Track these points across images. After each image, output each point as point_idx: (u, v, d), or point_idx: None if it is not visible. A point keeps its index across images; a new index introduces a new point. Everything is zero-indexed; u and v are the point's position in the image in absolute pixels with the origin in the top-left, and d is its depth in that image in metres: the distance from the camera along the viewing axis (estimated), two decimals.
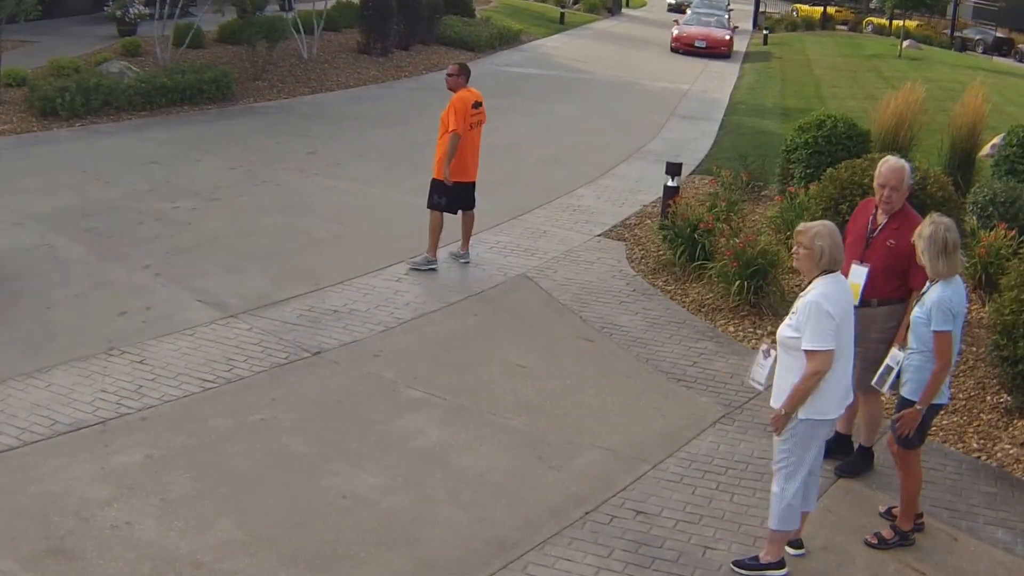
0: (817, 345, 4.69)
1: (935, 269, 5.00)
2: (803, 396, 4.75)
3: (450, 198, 8.85)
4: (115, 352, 6.95)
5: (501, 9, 32.63)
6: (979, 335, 7.87)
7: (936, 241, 4.96)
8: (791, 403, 4.77)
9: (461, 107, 8.67)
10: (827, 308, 4.70)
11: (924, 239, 5.00)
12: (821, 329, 4.69)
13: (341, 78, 18.57)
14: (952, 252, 5.00)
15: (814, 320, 4.70)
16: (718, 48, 28.14)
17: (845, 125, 10.92)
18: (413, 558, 4.98)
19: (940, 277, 5.02)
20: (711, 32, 28.84)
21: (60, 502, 5.19)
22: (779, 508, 4.91)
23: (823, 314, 4.69)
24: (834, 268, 4.81)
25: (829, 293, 4.75)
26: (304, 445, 5.97)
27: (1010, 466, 6.19)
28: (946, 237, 4.96)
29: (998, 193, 9.43)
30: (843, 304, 4.81)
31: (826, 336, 4.69)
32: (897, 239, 5.62)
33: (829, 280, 4.80)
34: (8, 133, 12.83)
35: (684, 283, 9.07)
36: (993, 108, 12.83)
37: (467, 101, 8.73)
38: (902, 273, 5.63)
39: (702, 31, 28.89)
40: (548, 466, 5.91)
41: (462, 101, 8.71)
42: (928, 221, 5.06)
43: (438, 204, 8.85)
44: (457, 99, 8.73)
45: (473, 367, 7.17)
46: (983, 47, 42.39)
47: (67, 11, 21.59)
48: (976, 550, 5.34)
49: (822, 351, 4.69)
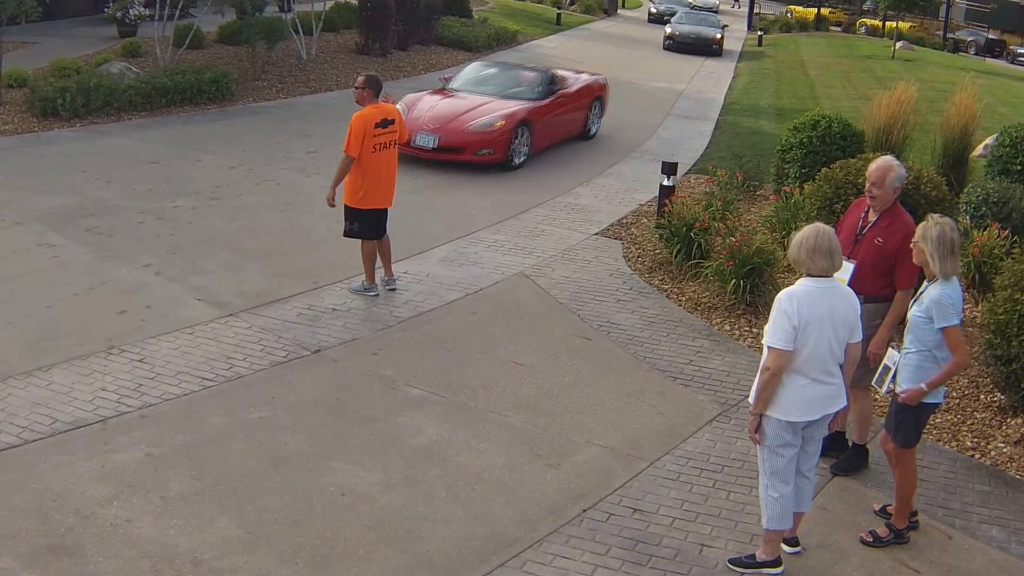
0: (769, 341, 4.68)
1: (943, 269, 4.99)
2: (761, 393, 4.73)
3: (363, 224, 8.11)
4: (115, 350, 6.98)
5: (498, 10, 32.68)
6: (973, 334, 7.92)
7: (945, 242, 4.97)
8: (756, 401, 4.79)
9: (359, 127, 7.80)
10: (785, 307, 4.65)
11: (932, 240, 4.98)
12: (776, 327, 4.66)
13: (340, 78, 18.59)
14: (958, 251, 5.05)
15: (773, 316, 4.70)
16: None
17: (839, 125, 10.98)
18: (411, 555, 5.01)
19: (946, 276, 5.03)
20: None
21: (60, 500, 5.22)
22: (766, 508, 4.95)
23: (781, 312, 4.66)
24: (817, 274, 4.72)
25: (796, 293, 4.69)
26: (303, 443, 6.00)
27: (1004, 464, 6.23)
28: (953, 237, 4.99)
29: (991, 193, 9.49)
30: (813, 309, 4.67)
31: (779, 334, 4.64)
32: (885, 237, 5.67)
33: (807, 282, 4.73)
34: (9, 133, 12.85)
35: (680, 282, 9.12)
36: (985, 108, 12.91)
37: (369, 119, 7.85)
38: (888, 272, 5.68)
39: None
40: (546, 464, 5.95)
41: (361, 120, 7.83)
42: (933, 223, 5.03)
43: (351, 231, 8.16)
44: (356, 118, 7.85)
45: (471, 365, 7.21)
46: (975, 48, 42.55)
47: (68, 12, 21.59)
48: (970, 548, 5.38)
49: (774, 348, 4.66)
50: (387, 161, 8.11)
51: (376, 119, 7.93)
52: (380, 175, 8.08)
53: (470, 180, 12.12)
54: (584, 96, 14.89)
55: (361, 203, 8.07)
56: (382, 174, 8.09)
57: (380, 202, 8.16)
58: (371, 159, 7.96)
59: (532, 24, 31.22)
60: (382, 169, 8.08)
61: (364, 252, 8.26)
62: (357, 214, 8.11)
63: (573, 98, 14.54)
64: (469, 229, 10.29)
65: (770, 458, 4.88)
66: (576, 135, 14.77)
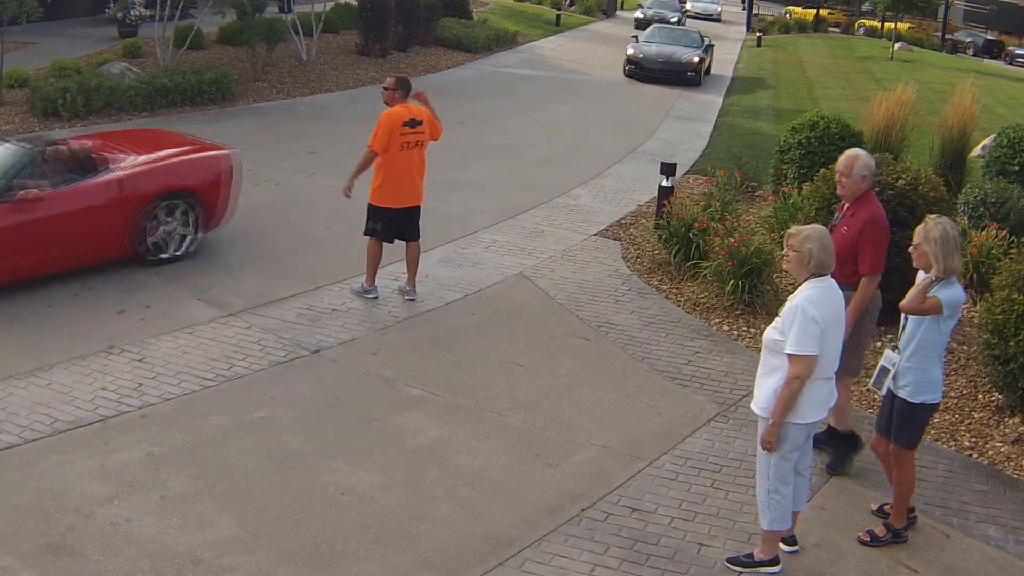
0: (799, 350, 4.69)
1: (949, 266, 5.00)
2: (788, 402, 4.74)
3: (385, 224, 8.13)
4: (115, 350, 7.00)
5: (497, 11, 32.71)
6: (971, 334, 7.95)
7: (948, 240, 5.00)
8: (778, 411, 4.77)
9: (387, 124, 7.90)
10: (812, 313, 4.69)
11: (935, 240, 5.00)
12: (805, 334, 4.68)
13: (340, 79, 18.62)
14: (959, 249, 5.08)
15: (799, 324, 4.69)
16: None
17: (838, 126, 11.01)
18: (411, 555, 5.03)
19: (954, 273, 5.05)
20: None
21: (61, 499, 5.23)
22: (769, 509, 4.97)
23: (808, 319, 4.68)
24: (823, 272, 4.81)
25: (815, 297, 4.75)
26: (303, 443, 6.01)
27: (1001, 464, 6.25)
28: (954, 234, 5.04)
29: (989, 193, 9.52)
30: (830, 309, 4.79)
31: (809, 341, 4.68)
32: (850, 226, 5.77)
33: (817, 284, 4.80)
34: (10, 133, 12.80)
35: (679, 282, 9.13)
36: (983, 109, 12.93)
37: (397, 118, 7.94)
38: (852, 259, 5.75)
39: None
40: (545, 464, 5.96)
41: (390, 118, 7.94)
42: (933, 223, 5.06)
43: (372, 231, 8.17)
44: (385, 115, 7.98)
45: (470, 365, 7.22)
46: (974, 49, 42.62)
47: (68, 13, 21.59)
48: (968, 547, 5.40)
49: (804, 356, 4.69)
50: (413, 161, 8.11)
51: (404, 118, 7.99)
52: (404, 175, 8.07)
53: (470, 180, 12.13)
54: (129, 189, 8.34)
55: (382, 201, 8.08)
56: (406, 174, 8.08)
57: (403, 201, 8.12)
58: (397, 158, 7.98)
59: (531, 25, 31.25)
60: (407, 169, 8.07)
61: (370, 253, 8.25)
62: (379, 213, 8.12)
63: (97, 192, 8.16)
64: (468, 230, 10.31)
65: (779, 463, 4.89)
66: None
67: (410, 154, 8.06)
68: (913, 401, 5.17)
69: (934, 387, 5.20)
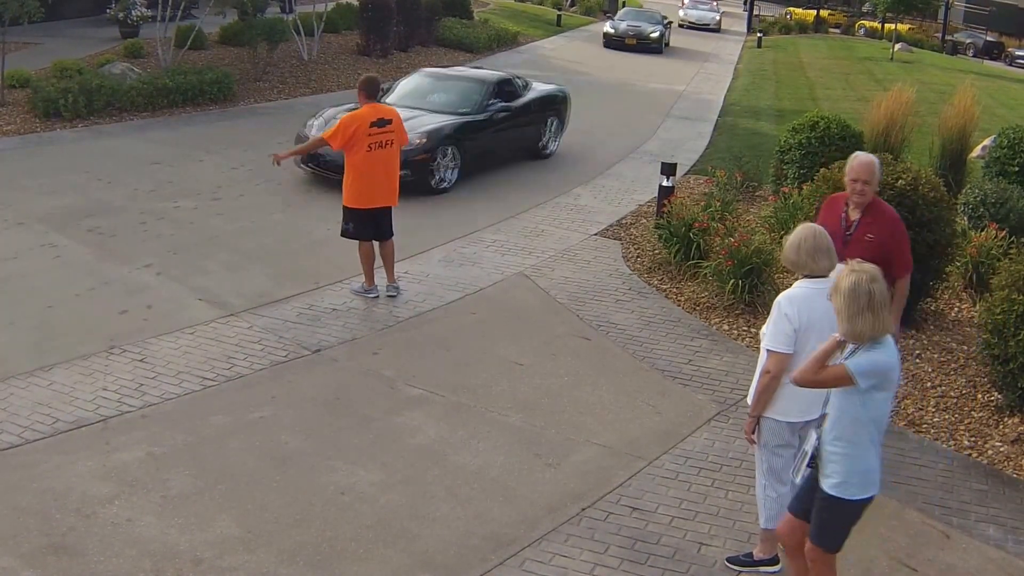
0: (771, 345, 4.66)
1: (854, 329, 3.95)
2: (761, 395, 4.72)
3: (357, 224, 8.13)
4: (116, 350, 7.01)
5: (499, 11, 32.74)
6: (970, 334, 7.96)
7: (858, 296, 3.93)
8: (754, 404, 4.79)
9: (347, 123, 7.91)
10: (786, 311, 4.62)
11: (844, 293, 3.96)
12: (777, 330, 4.64)
13: (341, 79, 18.64)
14: (879, 309, 3.95)
15: (773, 320, 4.67)
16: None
17: (838, 126, 11.03)
18: (411, 554, 5.04)
19: (859, 340, 3.98)
20: None
21: (62, 499, 5.25)
22: (765, 507, 4.97)
23: (781, 316, 4.63)
24: (819, 274, 4.67)
25: (796, 296, 4.65)
26: (303, 442, 6.03)
27: (1001, 463, 6.26)
28: (872, 290, 3.93)
29: (988, 194, 9.53)
30: (816, 314, 4.57)
31: (780, 338, 4.62)
32: (876, 232, 5.70)
33: (807, 284, 4.69)
34: (12, 134, 12.90)
35: (679, 282, 9.14)
36: (983, 110, 12.94)
37: (362, 119, 7.92)
38: (885, 263, 5.69)
39: None
40: (545, 463, 5.97)
41: (353, 118, 7.96)
42: (847, 272, 4.03)
43: (345, 231, 8.21)
44: (348, 115, 8.06)
45: (471, 365, 7.24)
46: (974, 50, 42.66)
47: (70, 13, 21.63)
48: (967, 547, 5.40)
49: (775, 352, 4.64)
50: (383, 161, 8.08)
51: (371, 119, 7.97)
52: (376, 174, 8.06)
53: (469, 180, 12.14)
54: None
55: (355, 202, 8.08)
56: (378, 173, 8.07)
57: (375, 201, 8.12)
58: (367, 158, 7.97)
59: (532, 25, 31.27)
60: (378, 168, 8.05)
61: (361, 254, 8.27)
62: (352, 213, 8.13)
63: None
64: (469, 229, 10.32)
65: (769, 458, 4.89)
66: None
67: (379, 154, 8.03)
68: (841, 497, 4.16)
69: (867, 479, 4.17)
